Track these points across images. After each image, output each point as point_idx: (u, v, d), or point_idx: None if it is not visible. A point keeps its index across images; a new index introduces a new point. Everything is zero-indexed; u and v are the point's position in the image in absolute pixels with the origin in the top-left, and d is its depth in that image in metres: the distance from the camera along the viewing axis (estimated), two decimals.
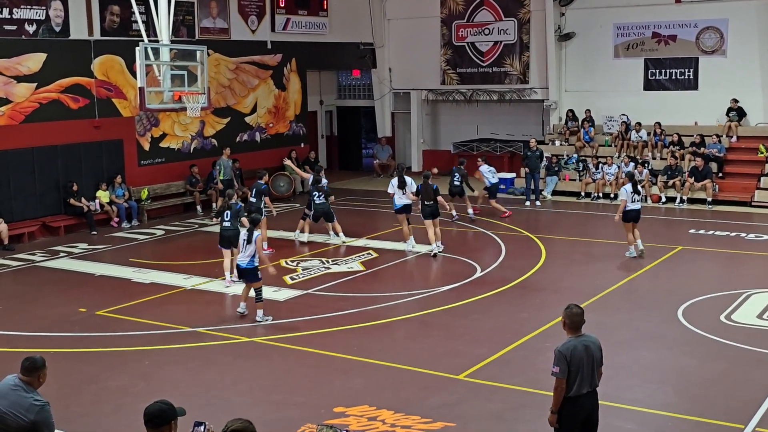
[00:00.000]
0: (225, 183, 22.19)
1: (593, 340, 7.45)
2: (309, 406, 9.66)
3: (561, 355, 7.25)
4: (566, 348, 7.28)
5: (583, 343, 7.35)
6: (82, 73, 20.70)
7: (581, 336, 7.42)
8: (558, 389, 7.31)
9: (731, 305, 13.42)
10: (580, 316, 7.46)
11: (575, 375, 7.25)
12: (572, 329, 7.43)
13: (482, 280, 15.42)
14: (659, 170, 23.72)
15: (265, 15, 25.89)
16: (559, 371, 7.26)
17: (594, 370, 7.37)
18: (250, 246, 13.01)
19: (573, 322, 7.44)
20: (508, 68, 28.29)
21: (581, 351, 7.29)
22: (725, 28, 25.03)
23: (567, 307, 7.55)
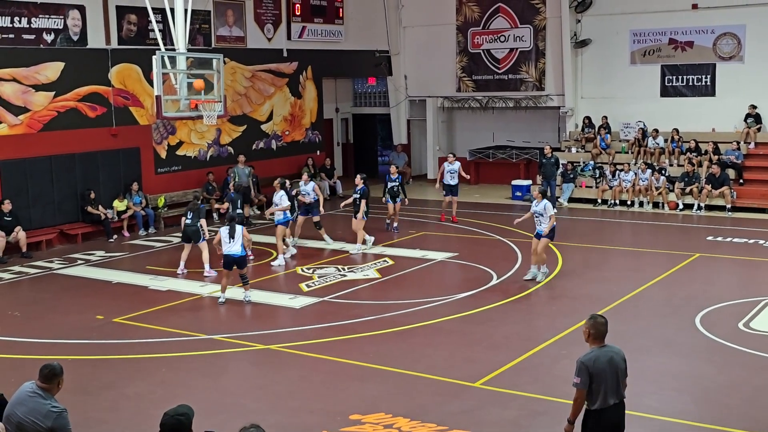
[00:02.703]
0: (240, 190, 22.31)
1: (617, 351, 7.30)
2: (325, 413, 9.66)
3: (583, 366, 7.12)
4: (588, 359, 7.14)
5: (606, 354, 7.20)
6: (100, 81, 20.83)
7: (605, 347, 7.27)
8: (578, 400, 7.19)
9: (750, 313, 13.32)
10: (604, 326, 7.32)
11: (599, 387, 7.09)
12: (596, 339, 7.28)
13: (498, 287, 15.39)
14: (676, 177, 23.62)
15: (281, 23, 25.98)
16: (579, 382, 7.13)
17: (619, 382, 7.21)
18: (236, 239, 14.43)
19: (598, 332, 7.28)
20: (524, 75, 28.26)
21: (604, 362, 7.14)
22: (742, 34, 24.93)
23: (591, 317, 7.38)
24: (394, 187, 20.33)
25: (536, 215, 15.48)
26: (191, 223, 16.84)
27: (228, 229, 14.56)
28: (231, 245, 14.47)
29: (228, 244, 14.49)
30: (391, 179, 20.38)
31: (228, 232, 14.51)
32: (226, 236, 14.52)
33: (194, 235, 16.76)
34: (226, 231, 14.55)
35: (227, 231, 14.54)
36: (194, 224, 16.81)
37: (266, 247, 18.92)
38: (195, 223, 16.82)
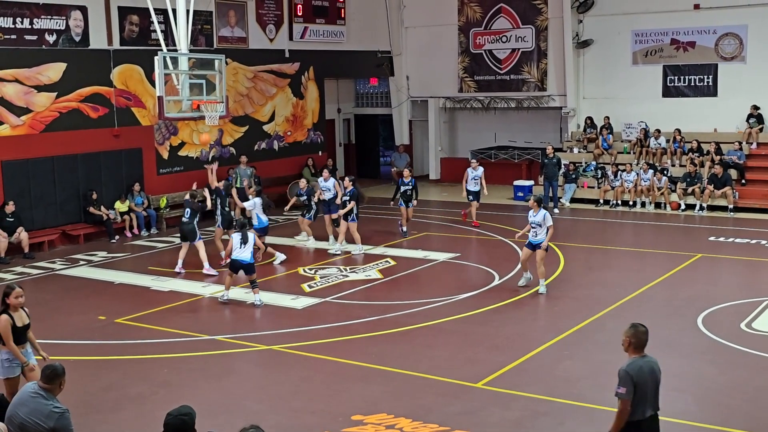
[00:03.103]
0: (240, 191, 22.30)
1: (655, 361, 7.14)
2: (327, 414, 9.66)
3: (627, 375, 6.89)
4: (632, 368, 6.94)
5: (648, 364, 7.04)
6: (102, 82, 20.85)
7: (645, 357, 7.09)
8: (623, 412, 6.91)
9: (752, 313, 13.31)
10: (645, 335, 7.12)
11: (640, 397, 6.90)
12: (637, 349, 7.08)
13: (500, 287, 15.38)
14: (678, 177, 23.61)
15: (283, 24, 25.99)
16: (625, 392, 6.88)
17: (657, 393, 7.08)
18: (249, 245, 14.42)
19: (639, 342, 7.08)
20: (525, 75, 28.26)
21: (647, 372, 6.98)
22: (744, 34, 24.91)
23: (632, 326, 7.15)
24: (408, 191, 20.02)
25: (533, 225, 14.86)
26: (188, 221, 16.95)
27: (240, 235, 14.46)
28: (242, 251, 14.42)
29: (239, 249, 14.43)
30: (404, 183, 20.06)
31: (240, 239, 14.43)
32: (238, 243, 14.44)
33: (190, 234, 16.89)
34: (238, 237, 14.46)
35: (240, 237, 14.45)
36: (191, 222, 16.91)
37: (267, 248, 18.89)
38: (191, 222, 16.91)
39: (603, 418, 9.50)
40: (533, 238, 14.88)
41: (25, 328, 9.10)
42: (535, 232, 14.85)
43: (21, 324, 9.05)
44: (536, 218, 14.75)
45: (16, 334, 8.96)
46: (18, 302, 9.01)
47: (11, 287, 9.06)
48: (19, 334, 9.01)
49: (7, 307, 8.99)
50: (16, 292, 9.02)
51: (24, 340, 9.10)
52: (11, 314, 8.95)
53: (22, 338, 9.07)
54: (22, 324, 9.06)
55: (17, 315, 9.01)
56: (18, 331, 9.00)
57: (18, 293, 9.03)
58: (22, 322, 9.06)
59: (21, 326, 9.05)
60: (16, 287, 9.08)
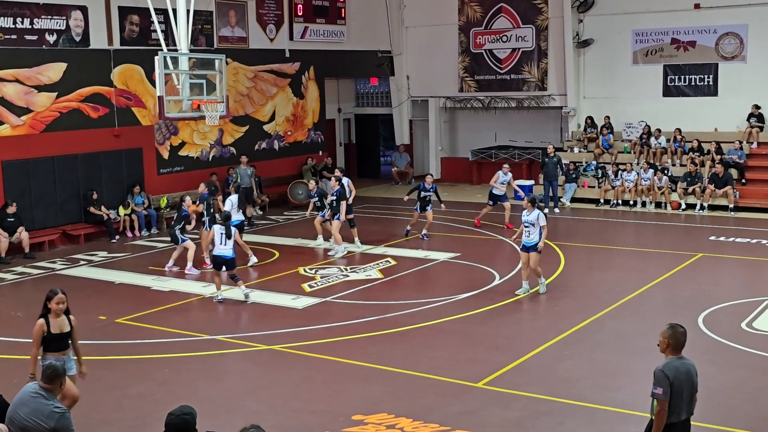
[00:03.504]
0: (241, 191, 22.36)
1: (692, 364, 6.96)
2: (327, 414, 9.66)
3: (663, 375, 6.75)
4: (669, 368, 6.79)
5: (685, 366, 6.87)
6: (102, 82, 20.85)
7: (682, 358, 6.92)
8: (661, 413, 6.76)
9: (752, 313, 13.31)
10: (684, 335, 6.94)
11: (675, 399, 6.75)
12: (675, 350, 6.91)
13: (501, 287, 15.38)
14: (679, 177, 23.60)
15: (284, 23, 25.99)
16: (661, 393, 6.73)
17: (692, 396, 6.92)
18: (231, 240, 14.58)
19: (678, 342, 6.91)
20: (526, 75, 28.26)
21: (683, 374, 6.81)
22: (745, 34, 24.90)
23: (670, 326, 6.96)
24: (428, 197, 19.42)
25: (526, 225, 14.58)
26: (172, 225, 17.52)
27: (224, 228, 14.57)
28: (224, 247, 14.56)
29: (221, 245, 14.56)
30: (425, 188, 19.36)
31: (224, 232, 14.54)
32: (220, 235, 14.54)
33: (173, 239, 17.30)
34: (221, 230, 14.57)
35: (223, 230, 14.56)
36: (173, 228, 17.30)
37: (267, 248, 18.93)
38: (174, 227, 17.25)
39: (603, 418, 9.53)
40: (526, 239, 14.61)
41: (64, 335, 8.77)
42: (528, 232, 14.58)
43: (58, 331, 8.73)
44: (529, 217, 14.51)
45: (51, 341, 8.67)
46: (58, 308, 8.72)
47: (54, 291, 8.83)
48: (55, 341, 8.70)
49: (49, 311, 8.73)
50: (58, 297, 8.75)
51: (62, 347, 8.78)
52: (49, 320, 8.69)
53: (57, 345, 8.74)
54: (60, 331, 8.74)
55: (57, 321, 8.74)
56: (54, 338, 8.69)
57: (60, 299, 8.75)
58: (60, 329, 8.75)
59: (58, 333, 8.73)
60: (59, 292, 8.82)
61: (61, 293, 8.81)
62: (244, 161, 23.19)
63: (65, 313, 8.83)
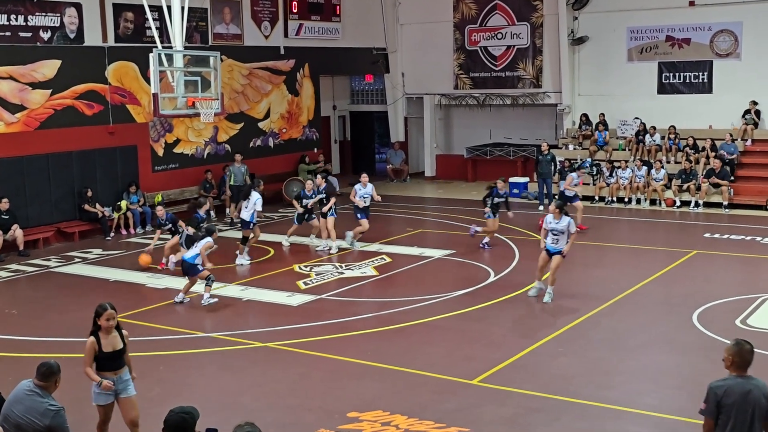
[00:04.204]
0: (234, 189, 22.43)
1: (761, 385, 6.29)
2: (323, 411, 9.67)
3: (711, 391, 6.30)
4: (719, 386, 6.29)
5: (744, 386, 6.24)
6: (97, 79, 20.81)
7: (746, 377, 6.34)
8: (703, 428, 6.38)
9: (747, 309, 13.34)
10: (750, 354, 6.39)
11: (726, 421, 6.21)
12: (739, 368, 6.36)
13: (496, 284, 15.40)
14: (674, 174, 23.64)
15: (278, 21, 25.96)
16: (705, 409, 6.32)
17: (754, 422, 6.20)
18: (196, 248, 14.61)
19: (742, 360, 6.37)
20: (521, 72, 28.27)
21: (738, 394, 6.21)
22: (739, 31, 24.95)
23: (736, 343, 6.47)
24: (500, 203, 18.48)
25: (555, 233, 13.96)
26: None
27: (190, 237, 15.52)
28: (189, 251, 14.86)
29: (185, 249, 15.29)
30: (498, 194, 18.43)
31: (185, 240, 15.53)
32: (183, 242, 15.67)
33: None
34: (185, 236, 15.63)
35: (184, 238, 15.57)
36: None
37: (263, 245, 18.91)
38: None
39: (597, 415, 9.55)
40: (553, 245, 14.03)
41: (117, 353, 8.17)
42: (556, 239, 14.00)
43: (111, 349, 8.12)
44: (559, 225, 13.85)
45: (104, 360, 8.11)
46: (108, 325, 8.07)
47: (103, 307, 8.14)
48: (108, 359, 8.13)
49: (99, 328, 8.10)
50: (108, 313, 8.08)
51: (115, 366, 8.20)
52: (100, 337, 8.09)
53: (111, 364, 8.16)
54: (113, 349, 8.13)
55: (109, 338, 8.11)
56: (106, 357, 8.11)
57: (109, 315, 8.07)
58: (112, 347, 8.13)
59: (111, 351, 8.12)
60: (108, 308, 8.12)
61: (110, 308, 8.15)
62: (238, 159, 23.18)
63: (117, 329, 8.22)
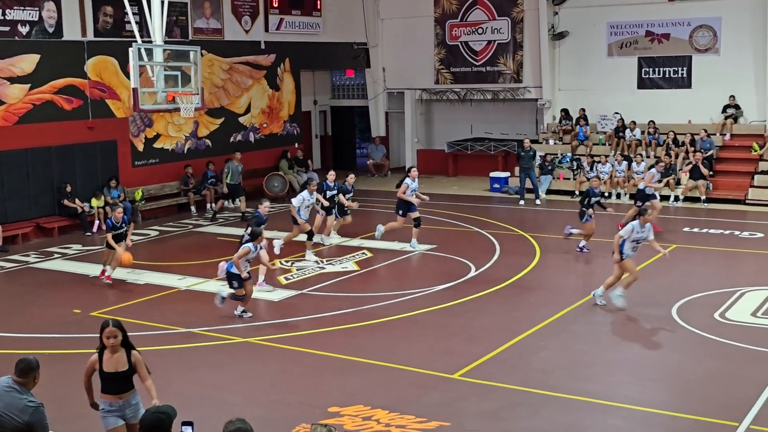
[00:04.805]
0: (231, 187, 22.26)
1: None
2: (304, 406, 9.66)
3: None
4: None
5: None
6: (76, 74, 20.67)
7: None
8: None
9: (726, 303, 13.45)
10: None
11: None
12: None
13: (477, 279, 15.43)
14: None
15: (259, 15, 25.87)
16: None
17: None
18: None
19: None
20: (501, 67, 28.32)
21: None
22: (718, 27, 25.09)
23: None
24: (597, 202, 17.77)
25: (641, 242, 13.16)
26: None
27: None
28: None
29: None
30: (594, 193, 17.70)
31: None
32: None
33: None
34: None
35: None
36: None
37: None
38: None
39: (579, 408, 9.59)
40: (633, 252, 13.27)
41: (119, 375, 7.41)
42: (638, 247, 13.28)
43: (112, 370, 7.40)
44: (645, 233, 13.15)
45: (104, 381, 7.46)
46: (109, 343, 7.38)
47: (105, 323, 7.50)
48: (108, 380, 7.45)
49: (105, 345, 7.47)
50: (108, 330, 7.39)
51: (118, 389, 7.46)
52: (103, 356, 7.44)
53: (112, 386, 7.45)
54: (114, 370, 7.40)
55: (112, 358, 7.41)
56: (106, 378, 7.44)
57: (110, 332, 7.37)
58: (114, 368, 7.40)
59: (111, 372, 7.41)
60: (110, 324, 7.44)
61: (112, 325, 7.42)
62: (237, 157, 22.90)
63: (125, 347, 7.49)
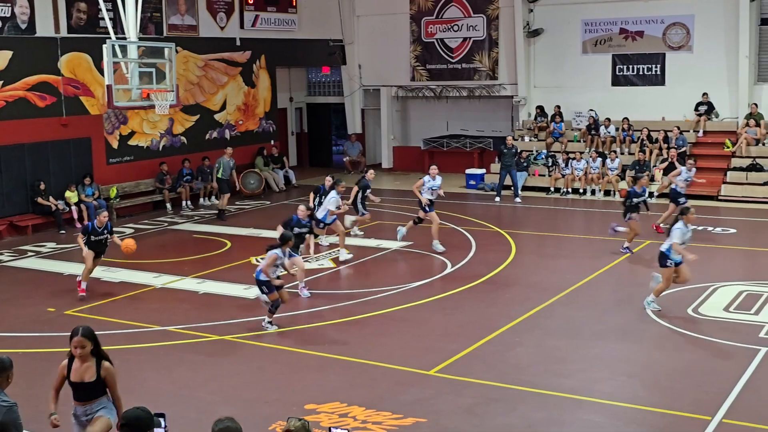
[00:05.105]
0: (221, 182, 21.85)
1: None
2: (281, 404, 9.66)
3: None
4: None
5: None
6: (49, 70, 20.51)
7: None
8: None
9: (698, 299, 13.57)
10: None
11: None
12: None
13: (453, 275, 15.48)
14: (627, 165, 23.91)
15: (234, 12, 25.78)
16: None
17: None
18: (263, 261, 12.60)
19: None
20: (477, 64, 28.39)
21: None
22: (691, 24, 25.30)
23: None
24: (640, 203, 17.25)
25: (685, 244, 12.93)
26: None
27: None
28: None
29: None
30: (637, 193, 17.12)
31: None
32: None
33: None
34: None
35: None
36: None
37: (219, 237, 18.82)
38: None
39: (554, 404, 9.65)
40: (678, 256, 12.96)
41: (85, 386, 7.17)
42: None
43: (78, 379, 7.17)
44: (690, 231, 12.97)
45: (72, 388, 7.25)
46: (76, 353, 7.14)
47: (75, 331, 7.22)
48: (75, 389, 7.24)
49: None
50: (75, 340, 7.13)
51: (84, 397, 7.25)
52: (72, 363, 7.22)
53: (78, 394, 7.26)
54: (79, 380, 7.17)
55: (80, 367, 7.18)
56: (73, 386, 7.23)
57: (77, 342, 7.10)
58: (80, 377, 7.16)
59: (77, 382, 7.18)
60: (79, 333, 7.16)
61: (81, 335, 7.14)
62: (229, 152, 22.56)
63: (96, 357, 7.23)
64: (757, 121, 23.86)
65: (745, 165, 23.44)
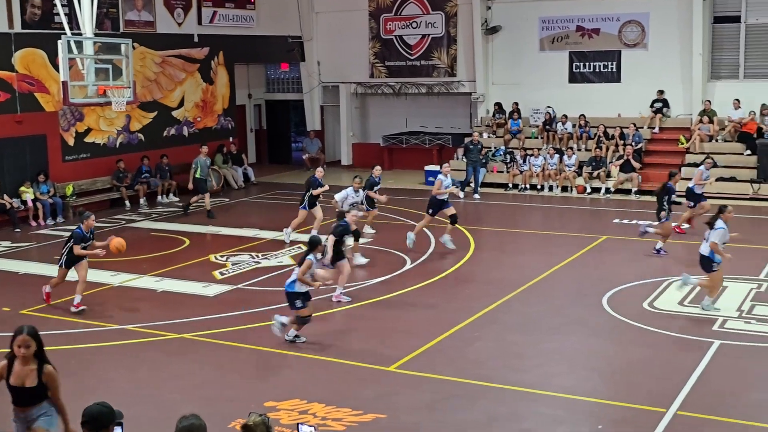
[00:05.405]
0: (197, 182, 21.32)
1: None
2: (240, 401, 9.64)
3: None
4: None
5: None
6: (3, 66, 20.22)
7: None
8: None
9: (654, 293, 13.77)
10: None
11: None
12: None
13: (412, 271, 15.54)
14: (584, 161, 24.17)
15: (192, 8, 25.59)
16: None
17: None
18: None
19: None
20: (436, 61, 28.48)
21: None
22: (646, 22, 25.61)
23: None
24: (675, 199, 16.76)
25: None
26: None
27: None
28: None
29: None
30: (673, 190, 16.69)
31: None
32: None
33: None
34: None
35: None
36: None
37: (177, 235, 18.71)
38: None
39: (513, 398, 9.76)
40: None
41: (25, 391, 6.81)
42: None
43: (18, 383, 6.80)
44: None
45: (11, 392, 6.88)
46: (20, 352, 6.77)
47: (18, 330, 6.88)
48: (14, 393, 6.86)
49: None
50: (19, 339, 6.78)
51: (23, 402, 6.88)
52: (13, 365, 6.84)
53: (18, 399, 6.88)
54: (20, 384, 6.80)
55: (22, 370, 6.80)
56: (11, 390, 6.85)
57: (20, 341, 6.75)
58: (21, 381, 6.79)
59: (18, 386, 6.81)
60: (24, 332, 6.82)
61: (26, 333, 6.80)
62: (204, 151, 22.07)
63: (38, 359, 6.86)
64: (710, 118, 24.23)
65: (698, 161, 23.74)
